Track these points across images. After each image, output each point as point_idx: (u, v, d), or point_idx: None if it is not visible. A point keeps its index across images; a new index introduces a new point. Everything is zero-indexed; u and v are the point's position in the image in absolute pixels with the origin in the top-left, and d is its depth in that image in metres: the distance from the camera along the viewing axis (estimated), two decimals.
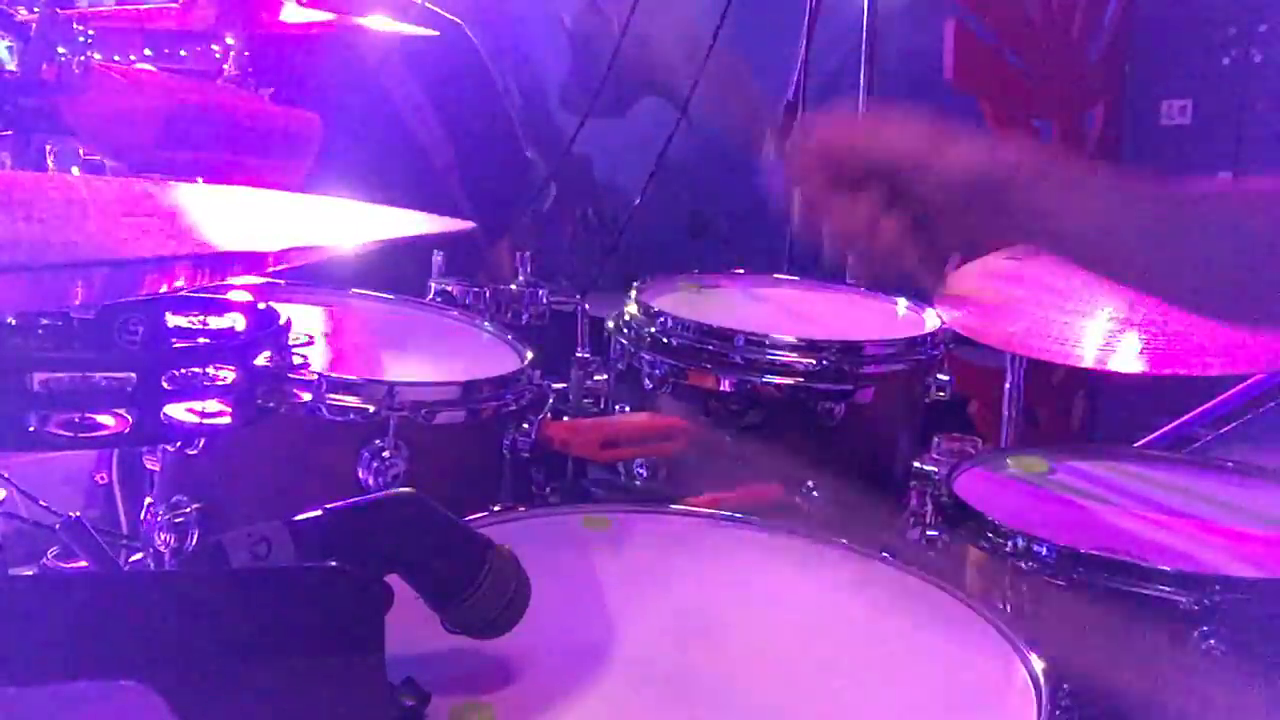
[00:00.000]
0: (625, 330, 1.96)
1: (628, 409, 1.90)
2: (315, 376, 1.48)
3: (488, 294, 1.99)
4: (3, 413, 0.95)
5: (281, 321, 1.15)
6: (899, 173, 1.03)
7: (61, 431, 0.96)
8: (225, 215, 0.97)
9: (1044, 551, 1.37)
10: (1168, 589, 1.31)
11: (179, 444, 1.39)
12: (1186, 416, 2.48)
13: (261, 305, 1.18)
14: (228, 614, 0.83)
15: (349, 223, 0.97)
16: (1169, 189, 1.04)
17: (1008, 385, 2.27)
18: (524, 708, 0.99)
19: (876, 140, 1.04)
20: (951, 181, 1.02)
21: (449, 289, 2.01)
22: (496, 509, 1.35)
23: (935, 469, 1.58)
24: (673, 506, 1.42)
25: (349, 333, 1.82)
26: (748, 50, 3.58)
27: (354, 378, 1.55)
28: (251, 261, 0.88)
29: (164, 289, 1.02)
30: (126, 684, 0.78)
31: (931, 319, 2.00)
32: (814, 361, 1.82)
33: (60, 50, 1.73)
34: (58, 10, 1.75)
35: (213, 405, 1.03)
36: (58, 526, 1.55)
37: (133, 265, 0.71)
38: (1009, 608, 1.38)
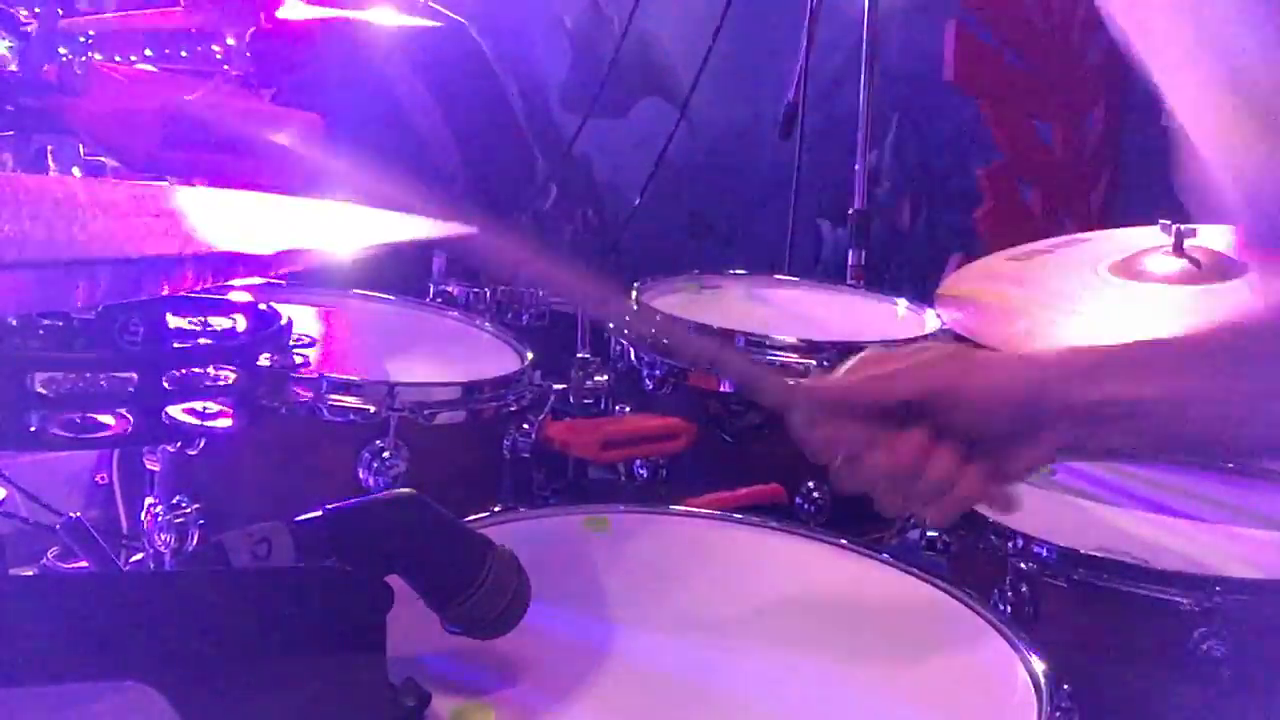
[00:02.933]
0: (625, 330, 1.96)
1: (628, 409, 1.90)
2: (315, 376, 1.48)
3: (488, 294, 1.99)
4: (3, 413, 0.95)
5: (282, 322, 1.16)
6: (936, 407, 0.98)
7: (62, 431, 0.96)
8: (227, 217, 0.97)
9: (1044, 551, 1.37)
10: (1168, 589, 1.31)
11: (179, 444, 1.39)
12: None
13: (262, 306, 1.18)
14: (228, 614, 0.83)
15: (350, 225, 0.98)
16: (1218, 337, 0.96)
17: None
18: (524, 708, 0.99)
19: (905, 379, 1.00)
20: (988, 408, 0.98)
21: (449, 289, 2.01)
22: (496, 509, 1.35)
23: None
24: (673, 506, 1.42)
25: (349, 333, 1.82)
26: (748, 50, 3.59)
27: (354, 378, 1.55)
28: (254, 263, 0.88)
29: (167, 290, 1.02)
30: (126, 684, 0.78)
31: (931, 319, 2.00)
32: (814, 362, 1.82)
33: (61, 51, 1.73)
34: (58, 11, 1.75)
35: (213, 405, 1.03)
36: (58, 526, 1.55)
37: (136, 266, 0.71)
38: (1009, 608, 1.38)
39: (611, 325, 1.18)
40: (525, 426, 1.65)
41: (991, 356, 0.99)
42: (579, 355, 1.91)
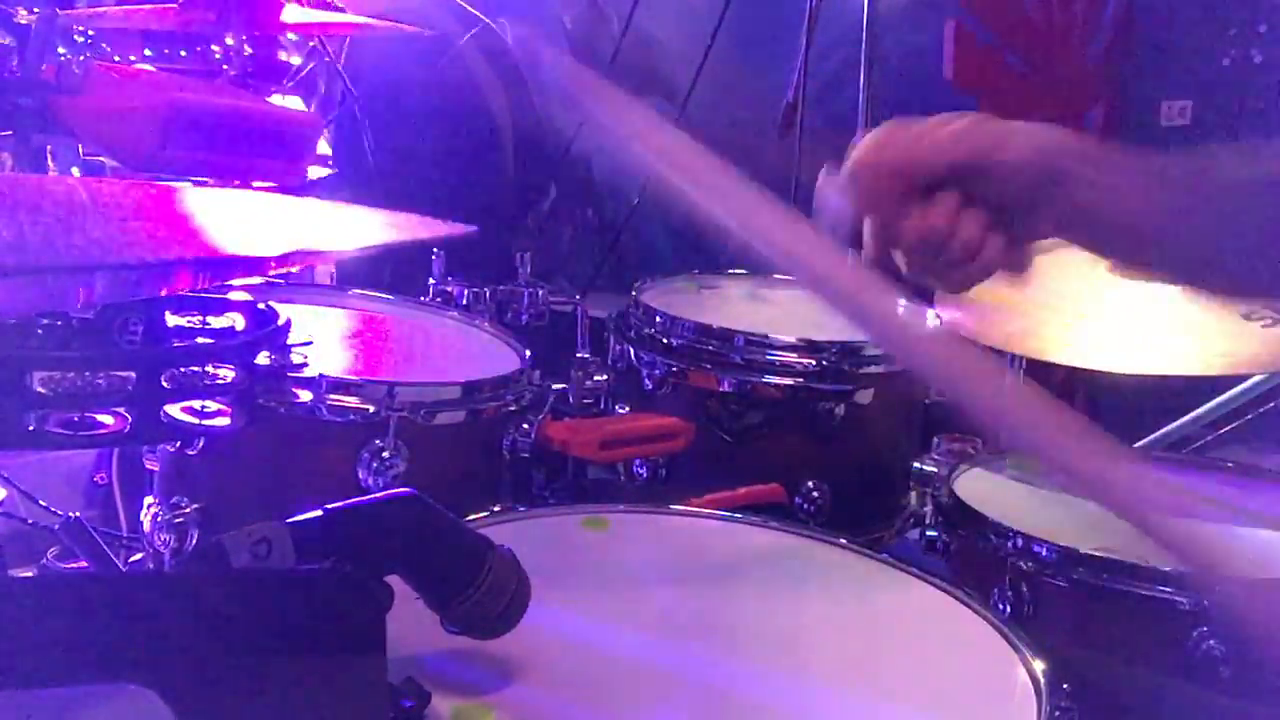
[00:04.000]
0: (625, 330, 1.96)
1: (628, 409, 1.90)
2: (315, 376, 1.48)
3: (488, 294, 1.99)
4: (3, 412, 0.95)
5: (281, 321, 1.15)
6: (968, 174, 0.99)
7: (61, 431, 0.96)
8: (227, 217, 0.97)
9: (1044, 551, 1.37)
10: (1168, 589, 1.31)
11: (179, 444, 1.38)
12: (1186, 417, 2.48)
13: (261, 305, 1.18)
14: (228, 614, 0.83)
15: (350, 226, 0.97)
16: (1211, 172, 1.01)
17: None
18: (524, 708, 0.99)
19: (941, 146, 1.01)
20: (1019, 174, 0.99)
21: (449, 289, 2.01)
22: (496, 509, 1.35)
23: (935, 469, 1.58)
24: (673, 506, 1.42)
25: (349, 333, 1.82)
26: (748, 50, 3.59)
27: (354, 378, 1.55)
28: (254, 264, 0.88)
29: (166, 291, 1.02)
30: (126, 684, 0.78)
31: (931, 319, 2.00)
32: (814, 362, 1.82)
33: (60, 50, 1.73)
34: (57, 11, 1.75)
35: (212, 405, 1.03)
36: (58, 526, 1.55)
37: (136, 268, 0.71)
38: (1009, 608, 1.38)
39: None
40: (525, 426, 1.65)
41: (1016, 126, 1.00)
42: (579, 355, 1.91)
